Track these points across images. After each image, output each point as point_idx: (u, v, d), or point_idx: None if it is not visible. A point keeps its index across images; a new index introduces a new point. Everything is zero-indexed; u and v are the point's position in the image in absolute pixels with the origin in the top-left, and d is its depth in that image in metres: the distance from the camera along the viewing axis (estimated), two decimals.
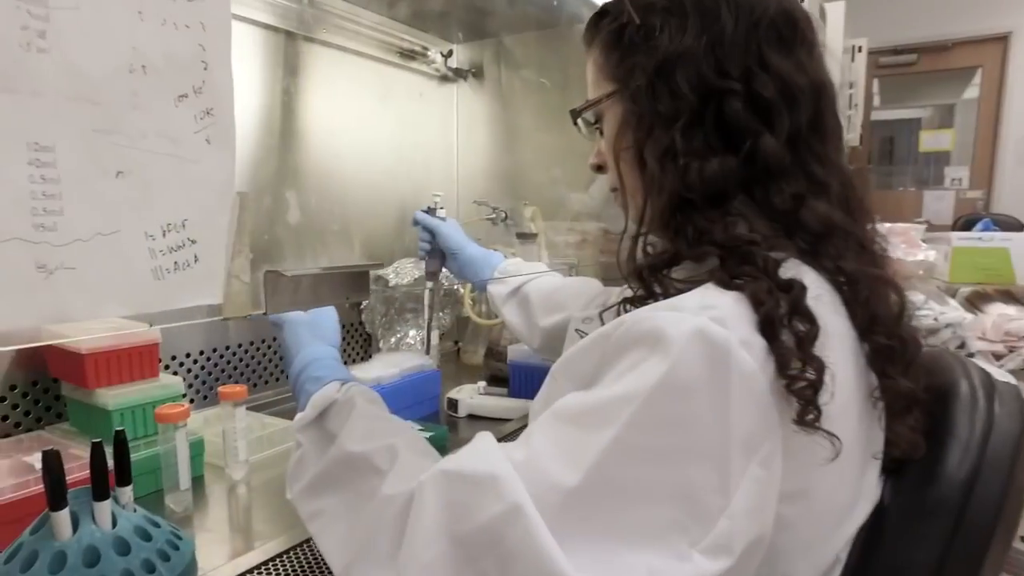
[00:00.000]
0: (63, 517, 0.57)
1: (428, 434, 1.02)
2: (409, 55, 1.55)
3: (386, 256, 1.51)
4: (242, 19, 1.19)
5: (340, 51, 1.40)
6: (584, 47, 0.67)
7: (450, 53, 1.63)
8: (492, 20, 1.56)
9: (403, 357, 1.26)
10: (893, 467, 0.53)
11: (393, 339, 1.50)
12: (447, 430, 1.06)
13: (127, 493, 0.63)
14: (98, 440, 0.59)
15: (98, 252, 0.36)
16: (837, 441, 0.44)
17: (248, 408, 1.17)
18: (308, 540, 0.73)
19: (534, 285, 1.04)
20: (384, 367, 1.17)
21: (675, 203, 0.55)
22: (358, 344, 1.51)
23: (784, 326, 0.45)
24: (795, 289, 0.47)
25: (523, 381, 1.30)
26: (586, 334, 0.73)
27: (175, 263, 0.40)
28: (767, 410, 0.43)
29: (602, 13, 0.64)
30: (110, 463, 0.59)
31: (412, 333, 1.52)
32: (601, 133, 0.66)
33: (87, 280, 0.36)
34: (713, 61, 0.55)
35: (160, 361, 1.08)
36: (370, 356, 1.52)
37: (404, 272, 1.41)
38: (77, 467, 0.72)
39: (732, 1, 0.56)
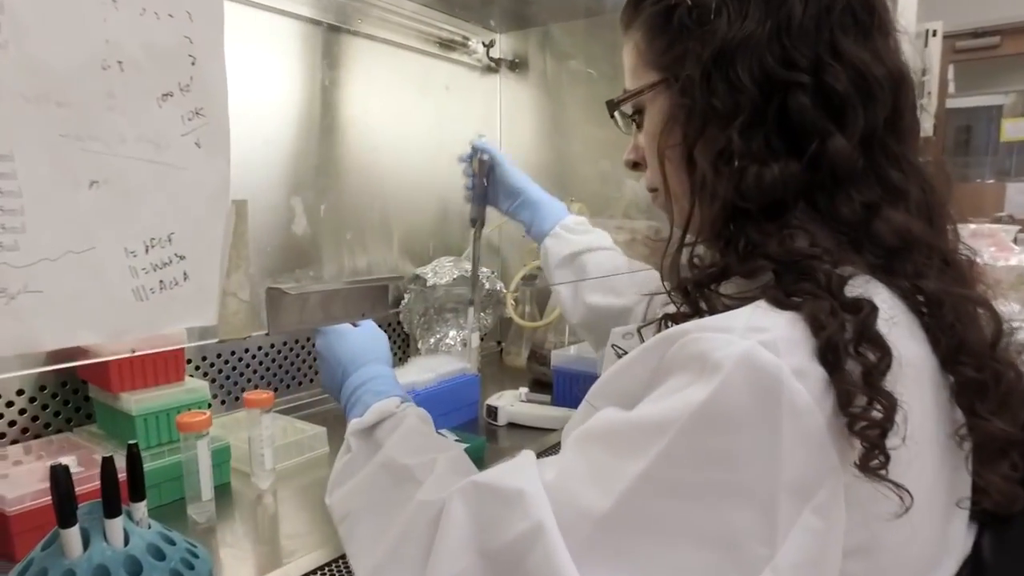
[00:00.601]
0: (73, 535, 0.55)
1: (464, 445, 0.98)
2: (449, 45, 1.50)
3: (424, 254, 1.47)
4: (282, 12, 1.17)
5: (380, 43, 1.36)
6: (621, 29, 0.61)
7: (492, 43, 1.58)
8: (537, 8, 1.49)
9: (441, 361, 1.21)
10: (992, 519, 0.45)
11: (432, 340, 1.46)
12: (484, 441, 1.01)
13: (141, 509, 0.60)
14: (109, 456, 0.56)
15: (69, 272, 0.32)
16: (907, 495, 0.37)
17: (278, 411, 1.15)
18: (337, 560, 0.70)
19: (594, 258, 0.95)
20: (420, 372, 1.13)
21: (727, 211, 0.48)
22: (395, 345, 1.48)
23: (849, 354, 0.39)
24: (864, 310, 0.40)
25: (567, 388, 1.24)
26: (622, 350, 0.67)
27: (160, 282, 0.36)
28: (824, 451, 0.37)
29: None
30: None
31: (452, 334, 1.48)
32: (639, 126, 0.60)
33: (56, 304, 0.32)
34: (779, 49, 0.47)
35: (189, 362, 1.07)
36: (407, 357, 1.49)
37: (443, 272, 1.37)
38: (95, 475, 0.71)
39: None
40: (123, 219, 0.34)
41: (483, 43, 1.56)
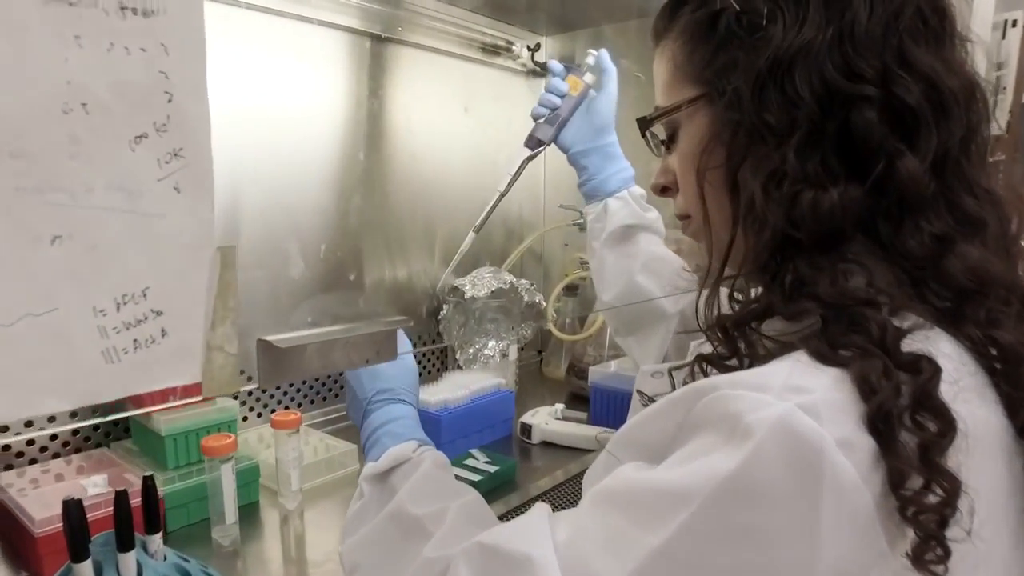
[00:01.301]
0: (85, 569, 0.54)
1: (494, 468, 0.94)
2: (493, 51, 1.46)
3: (465, 263, 1.44)
4: (330, 25, 1.17)
5: (424, 50, 1.35)
6: (652, 40, 0.56)
7: (537, 47, 1.53)
8: (585, 9, 1.44)
9: (475, 377, 1.18)
10: None
11: (471, 350, 1.43)
12: (516, 463, 0.97)
13: (156, 541, 0.59)
14: (123, 490, 0.55)
15: (27, 337, 0.29)
16: None
17: (313, 424, 1.14)
18: None
19: (650, 239, 0.87)
20: (453, 388, 1.10)
21: (776, 241, 0.43)
22: (434, 355, 1.46)
23: (904, 424, 0.34)
24: (923, 372, 0.35)
25: (604, 406, 1.19)
26: (648, 398, 0.62)
27: (134, 341, 0.33)
28: (871, 534, 0.32)
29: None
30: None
31: (491, 344, 1.44)
32: (668, 147, 0.55)
33: (12, 373, 0.29)
34: (841, 59, 0.42)
35: None
36: (446, 367, 1.46)
37: (482, 283, 1.33)
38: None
39: None
40: (90, 276, 0.31)
41: (528, 47, 1.52)
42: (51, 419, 0.88)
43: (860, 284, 0.40)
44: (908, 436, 0.33)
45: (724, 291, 0.49)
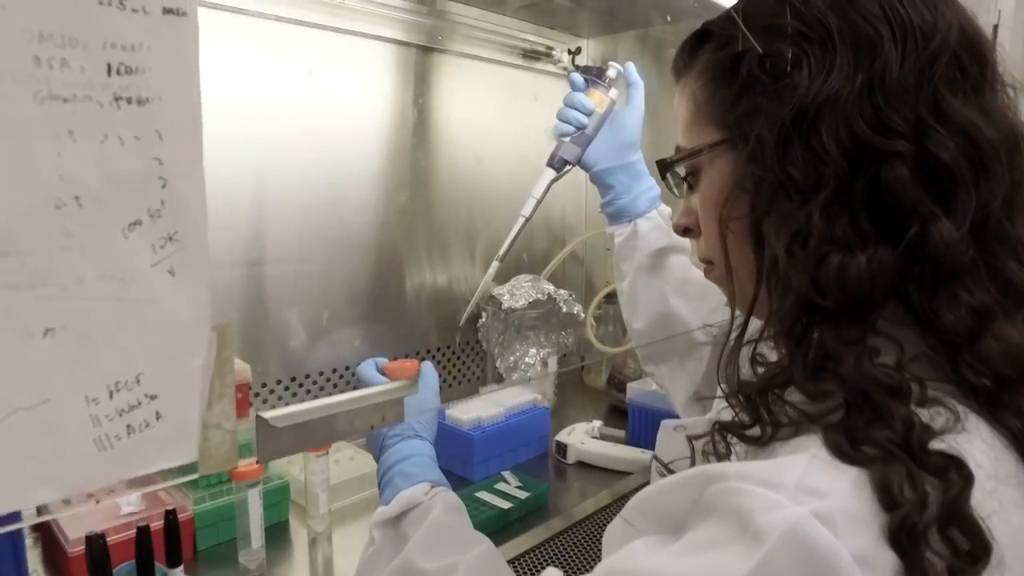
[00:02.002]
0: None
1: (526, 494, 0.93)
2: (533, 55, 1.44)
3: (504, 270, 1.43)
4: (376, 37, 1.19)
5: (466, 58, 1.35)
6: (673, 75, 0.53)
7: (578, 50, 1.50)
8: (629, 12, 1.39)
9: (511, 393, 1.17)
10: None
11: (512, 358, 1.42)
12: (548, 489, 0.96)
13: (177, 574, 0.61)
14: (145, 526, 0.57)
15: (18, 431, 0.29)
16: None
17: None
18: None
19: (680, 260, 0.82)
20: (487, 406, 1.09)
21: (800, 306, 0.40)
22: (474, 364, 1.46)
23: (929, 543, 0.31)
24: (953, 481, 0.32)
25: (643, 425, 1.17)
26: (665, 467, 0.60)
27: (127, 426, 0.33)
28: None
29: (703, 34, 0.49)
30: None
31: (532, 352, 1.43)
32: (692, 187, 0.52)
33: (3, 467, 0.29)
34: (871, 111, 0.39)
35: (264, 386, 1.09)
36: (485, 376, 1.46)
37: (520, 294, 1.32)
38: (157, 515, 0.72)
39: (898, 25, 0.40)
40: (83, 366, 0.31)
41: (568, 50, 1.49)
42: None
43: (889, 362, 0.37)
44: (934, 556, 0.31)
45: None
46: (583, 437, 1.13)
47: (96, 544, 0.53)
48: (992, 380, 0.37)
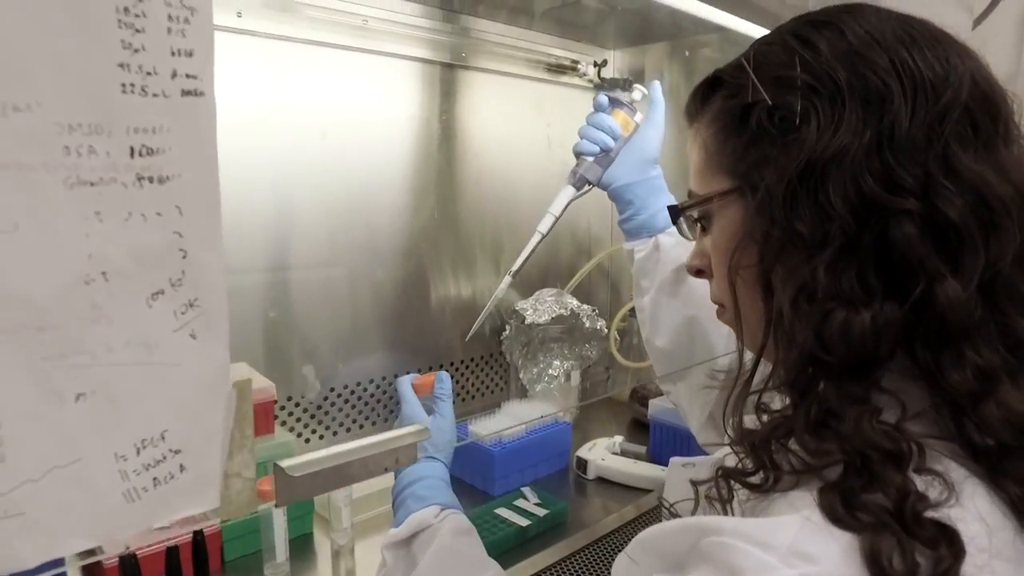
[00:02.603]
0: None
1: (544, 511, 0.94)
2: (558, 70, 1.44)
3: (528, 283, 1.44)
4: (402, 56, 1.21)
5: (491, 74, 1.36)
6: (687, 119, 0.53)
7: (604, 63, 1.49)
8: (655, 24, 1.39)
9: (532, 408, 1.18)
10: None
11: (535, 370, 1.43)
12: (567, 507, 0.97)
13: None
14: (174, 546, 0.60)
15: (54, 488, 0.32)
16: None
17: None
18: None
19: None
20: (509, 421, 1.11)
21: (804, 360, 0.40)
22: (497, 375, 1.47)
23: None
24: (943, 555, 0.32)
25: (664, 442, 1.17)
26: (670, 510, 0.60)
27: (153, 479, 0.35)
28: None
29: (714, 82, 0.49)
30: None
31: (556, 364, 1.44)
32: (704, 229, 0.52)
33: (41, 521, 0.32)
34: (880, 167, 0.39)
35: (290, 399, 1.12)
36: (509, 388, 1.47)
37: (543, 308, 1.33)
38: (185, 531, 0.75)
39: (908, 78, 0.40)
40: (112, 426, 0.34)
41: (595, 63, 1.49)
42: None
43: (891, 420, 0.38)
44: None
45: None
46: (604, 453, 1.13)
47: (128, 563, 0.57)
48: (994, 445, 0.37)
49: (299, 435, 1.13)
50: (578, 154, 0.84)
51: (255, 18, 1.03)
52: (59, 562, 0.35)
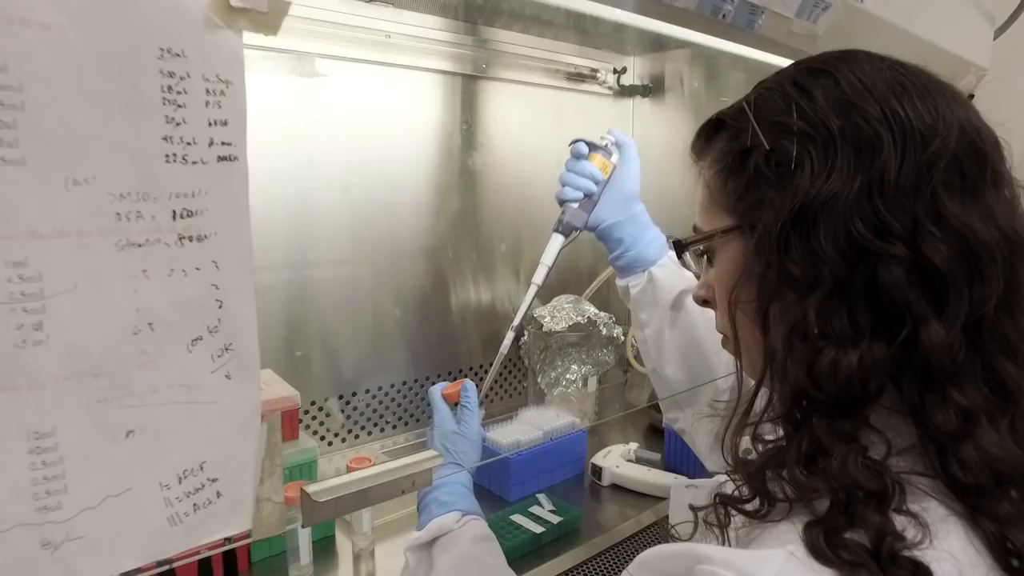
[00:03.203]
0: None
1: (559, 518, 0.98)
2: (578, 78, 1.46)
3: (546, 291, 1.47)
4: (424, 69, 1.24)
5: (511, 83, 1.38)
6: (692, 155, 0.55)
7: (624, 70, 1.51)
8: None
9: (550, 415, 1.21)
10: None
11: (553, 374, 1.46)
12: (581, 514, 1.00)
13: None
14: (206, 557, 0.64)
15: (108, 514, 0.36)
16: None
17: (410, 445, 1.22)
18: None
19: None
20: (525, 429, 1.14)
21: (796, 395, 0.43)
22: (516, 379, 1.51)
23: None
24: None
25: (679, 449, 1.19)
26: (669, 532, 0.63)
27: (194, 505, 0.39)
28: None
29: (718, 124, 0.51)
30: None
31: (574, 368, 1.47)
32: (710, 262, 0.54)
33: (97, 544, 0.36)
34: (870, 212, 0.41)
35: (313, 404, 1.17)
36: (527, 392, 1.51)
37: (561, 316, 1.36)
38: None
39: (898, 127, 0.41)
40: (157, 459, 0.38)
41: (614, 69, 1.50)
42: None
43: (877, 456, 0.40)
44: None
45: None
46: (618, 460, 1.16)
47: (166, 572, 0.61)
48: (973, 483, 0.39)
49: (322, 438, 1.17)
50: (563, 202, 0.85)
51: (285, 36, 1.07)
52: None
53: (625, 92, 1.56)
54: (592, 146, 0.84)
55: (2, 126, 0.31)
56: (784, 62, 0.86)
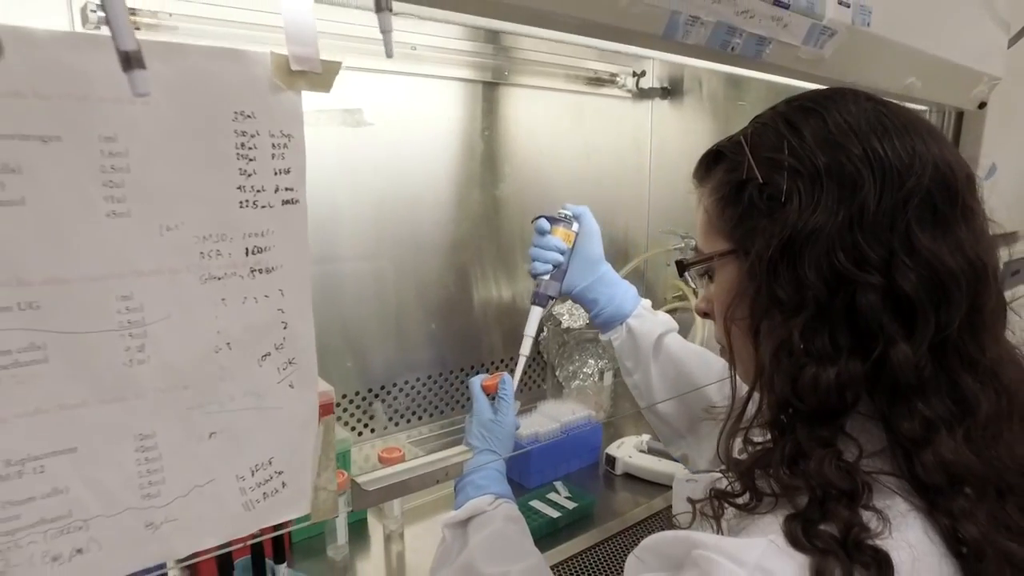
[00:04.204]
0: None
1: (574, 504, 1.05)
2: (597, 82, 1.51)
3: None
4: (447, 78, 1.30)
5: (531, 89, 1.43)
6: (694, 182, 0.60)
7: (643, 73, 1.55)
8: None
9: (567, 408, 1.28)
10: None
11: (571, 368, 1.53)
12: (595, 501, 1.07)
13: (282, 570, 0.76)
14: (258, 541, 0.71)
15: (196, 502, 0.44)
16: None
17: (443, 433, 1.29)
18: None
19: (673, 338, 0.88)
20: (545, 421, 1.21)
21: (781, 405, 0.49)
22: (535, 372, 1.57)
23: None
24: (876, 574, 0.40)
25: None
26: (674, 520, 0.69)
27: (264, 494, 0.46)
28: None
29: (717, 155, 0.56)
30: None
31: (591, 363, 1.53)
32: (710, 279, 0.60)
33: (188, 526, 0.43)
34: (850, 244, 0.46)
35: (357, 394, 1.24)
36: (546, 384, 1.57)
37: (579, 313, 1.42)
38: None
39: (878, 166, 0.46)
40: (234, 456, 0.45)
41: (633, 72, 1.54)
42: None
43: (850, 458, 0.45)
44: None
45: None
46: (631, 451, 1.23)
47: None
48: (932, 484, 0.44)
49: (352, 428, 1.25)
50: (535, 275, 0.90)
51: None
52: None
53: (644, 95, 1.60)
54: (552, 220, 0.90)
55: (113, 186, 0.38)
56: (793, 80, 0.91)
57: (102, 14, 0.49)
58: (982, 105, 1.22)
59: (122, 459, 0.40)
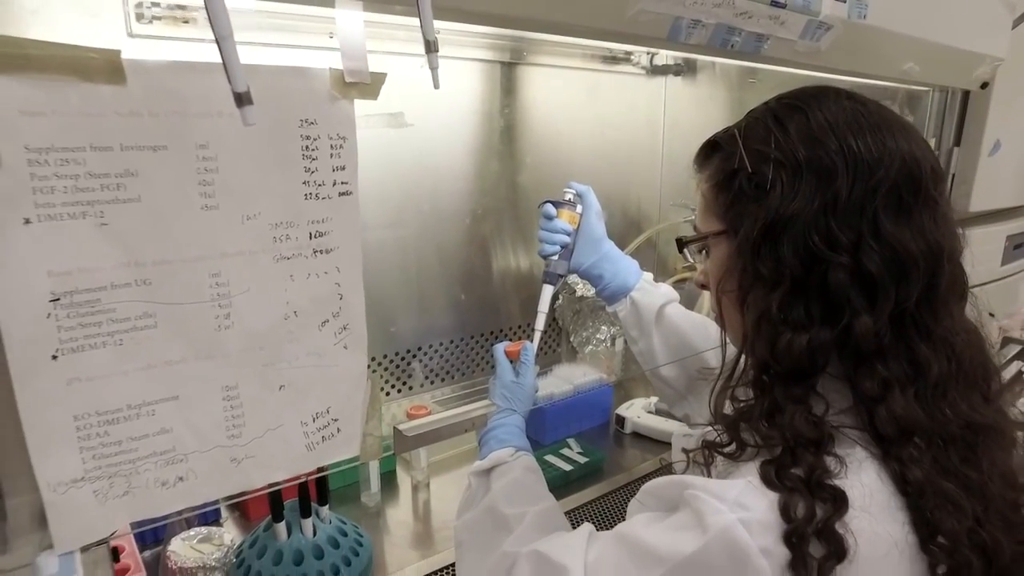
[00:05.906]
0: (281, 527, 0.81)
1: (585, 459, 1.14)
2: (612, 60, 1.56)
3: None
4: (467, 59, 1.35)
5: (548, 68, 1.48)
6: (694, 166, 0.66)
7: (657, 52, 1.59)
8: None
9: (580, 371, 1.36)
10: None
11: (584, 334, 1.61)
12: (605, 456, 1.16)
13: (324, 511, 0.85)
14: (304, 482, 0.81)
15: (269, 442, 0.53)
16: None
17: (447, 399, 1.39)
18: None
19: (674, 308, 0.95)
20: (559, 383, 1.29)
21: (762, 367, 0.56)
22: (551, 338, 1.66)
23: (808, 543, 0.47)
24: (831, 507, 0.48)
25: None
26: (669, 466, 0.77)
27: (322, 437, 0.56)
28: None
29: (714, 145, 0.63)
30: None
31: (604, 329, 1.61)
32: (707, 255, 0.67)
33: (263, 462, 0.53)
34: (824, 228, 0.52)
35: (398, 355, 1.34)
36: (561, 350, 1.66)
37: None
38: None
39: (852, 159, 0.53)
40: (299, 405, 0.54)
41: (648, 50, 1.59)
42: None
43: (819, 413, 0.53)
44: (811, 552, 0.48)
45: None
46: (640, 411, 1.32)
47: (275, 494, 0.78)
48: (886, 435, 0.51)
49: (381, 389, 1.35)
50: (545, 256, 0.96)
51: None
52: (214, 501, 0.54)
53: (658, 71, 1.64)
54: (557, 204, 0.96)
55: (206, 184, 0.46)
56: (793, 68, 0.96)
57: (156, 12, 0.58)
58: (984, 85, 1.25)
59: (213, 406, 0.50)
